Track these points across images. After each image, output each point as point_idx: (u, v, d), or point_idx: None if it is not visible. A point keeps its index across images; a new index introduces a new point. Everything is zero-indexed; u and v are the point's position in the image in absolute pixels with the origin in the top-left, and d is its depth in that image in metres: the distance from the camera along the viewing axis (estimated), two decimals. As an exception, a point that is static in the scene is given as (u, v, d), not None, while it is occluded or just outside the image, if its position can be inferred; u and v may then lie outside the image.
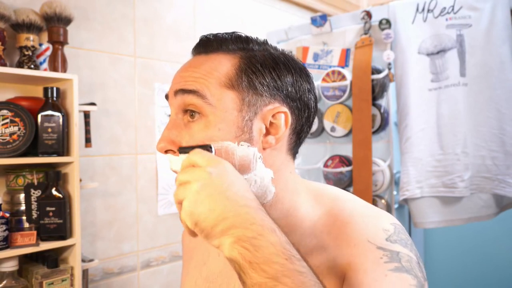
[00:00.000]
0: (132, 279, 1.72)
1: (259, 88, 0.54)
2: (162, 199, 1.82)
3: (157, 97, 1.81)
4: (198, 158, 0.47)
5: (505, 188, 1.50)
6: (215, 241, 0.44)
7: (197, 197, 0.44)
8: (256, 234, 0.42)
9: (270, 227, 0.43)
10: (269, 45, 0.59)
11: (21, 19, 1.30)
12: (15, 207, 1.30)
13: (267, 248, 0.42)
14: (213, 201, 0.44)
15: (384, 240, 0.52)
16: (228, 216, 0.43)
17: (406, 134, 1.62)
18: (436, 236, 2.46)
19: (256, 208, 0.45)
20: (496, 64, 1.50)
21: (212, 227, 0.44)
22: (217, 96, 0.53)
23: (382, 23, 1.67)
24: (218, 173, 0.45)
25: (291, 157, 0.60)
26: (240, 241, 0.42)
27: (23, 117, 1.25)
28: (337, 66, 1.83)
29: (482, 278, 2.32)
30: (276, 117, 0.55)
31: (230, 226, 0.43)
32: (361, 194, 1.68)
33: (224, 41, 0.57)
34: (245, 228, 0.43)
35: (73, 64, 1.52)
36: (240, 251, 0.42)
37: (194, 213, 0.44)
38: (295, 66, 0.58)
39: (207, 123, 0.53)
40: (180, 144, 0.54)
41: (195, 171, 0.46)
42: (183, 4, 1.94)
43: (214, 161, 0.47)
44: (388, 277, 0.48)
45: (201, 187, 0.44)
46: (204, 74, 0.54)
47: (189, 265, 0.71)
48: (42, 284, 1.25)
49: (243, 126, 0.53)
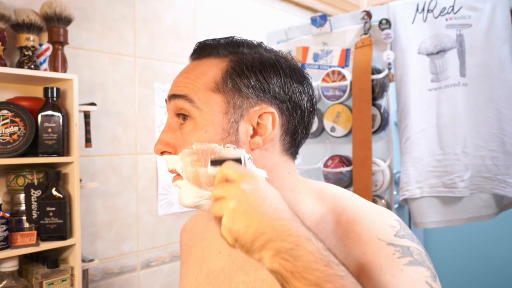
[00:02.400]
0: (132, 279, 1.72)
1: (244, 91, 0.56)
2: (162, 199, 1.82)
3: (157, 97, 1.82)
4: (230, 173, 0.48)
5: (505, 188, 1.50)
6: (255, 256, 0.46)
7: (234, 215, 0.45)
8: (294, 245, 0.44)
9: (306, 236, 0.45)
10: (262, 48, 0.61)
11: (21, 19, 1.30)
12: (15, 207, 1.30)
13: (306, 257, 0.43)
14: (249, 218, 0.45)
15: (393, 236, 0.53)
16: (265, 231, 0.44)
17: (406, 134, 1.62)
18: (436, 236, 2.46)
19: (290, 219, 0.46)
20: (496, 64, 1.50)
21: (251, 242, 0.45)
22: (204, 100, 0.56)
23: (382, 23, 1.67)
24: (251, 188, 0.46)
25: (288, 158, 0.61)
26: (279, 254, 0.44)
27: (23, 117, 1.25)
28: (337, 66, 1.83)
29: (482, 278, 2.32)
30: (262, 118, 0.57)
31: (268, 240, 0.44)
32: (361, 194, 1.66)
33: (216, 46, 0.59)
34: (282, 240, 0.44)
35: (73, 64, 1.52)
36: (280, 263, 0.43)
37: (233, 230, 0.46)
38: (286, 67, 0.59)
39: (195, 126, 0.56)
40: (175, 146, 0.57)
41: (229, 187, 0.47)
42: (183, 4, 1.94)
43: (247, 175, 0.48)
44: (405, 272, 0.50)
45: (237, 205, 0.46)
46: (193, 79, 0.57)
47: (188, 262, 0.71)
48: (42, 284, 1.25)
49: (228, 128, 0.55)
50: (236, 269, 0.62)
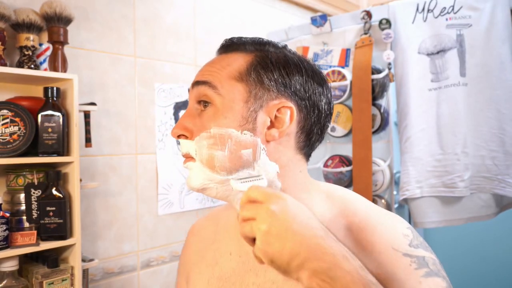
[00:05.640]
0: (132, 279, 1.72)
1: (267, 83, 0.57)
2: (162, 199, 1.82)
3: (157, 97, 1.82)
4: (256, 195, 0.48)
5: (505, 188, 1.50)
6: (293, 276, 0.45)
7: (268, 238, 0.46)
8: (331, 264, 0.43)
9: (342, 255, 0.45)
10: (287, 50, 0.62)
11: (21, 19, 1.30)
12: (15, 207, 1.30)
13: (344, 278, 0.43)
14: (282, 240, 0.45)
15: (408, 246, 0.53)
16: (299, 251, 0.44)
17: (406, 134, 1.62)
18: (436, 236, 2.45)
19: (324, 236, 0.46)
20: (496, 64, 1.50)
21: (288, 263, 0.45)
22: (227, 87, 0.57)
23: (382, 23, 1.67)
24: (280, 209, 0.46)
25: (301, 157, 0.62)
26: (316, 274, 0.43)
27: (23, 117, 1.25)
28: (337, 66, 1.83)
29: (482, 278, 2.32)
30: (281, 112, 0.58)
31: (304, 260, 0.44)
32: (361, 194, 1.66)
33: (243, 43, 0.62)
34: (318, 259, 0.44)
35: (73, 64, 1.52)
36: (318, 283, 0.43)
37: (268, 252, 0.46)
38: (308, 68, 0.60)
39: (216, 111, 0.57)
40: (192, 130, 0.58)
41: (258, 208, 0.47)
42: (183, 4, 1.94)
43: (273, 196, 0.48)
44: (423, 284, 0.50)
45: (269, 227, 0.46)
46: (219, 68, 0.59)
47: (201, 265, 0.71)
48: (42, 284, 1.25)
49: (247, 116, 0.56)
50: (247, 270, 0.62)
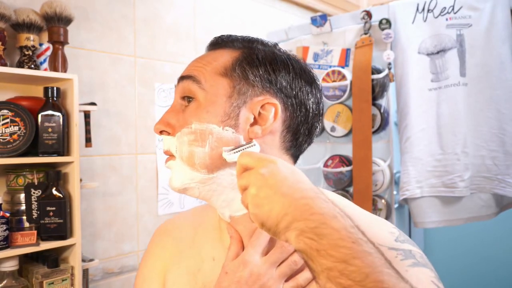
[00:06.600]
0: (132, 279, 1.72)
1: (251, 79, 0.57)
2: (162, 199, 1.82)
3: (157, 97, 1.82)
4: (248, 161, 0.49)
5: (505, 188, 1.50)
6: (282, 237, 0.46)
7: (257, 200, 0.46)
8: (318, 223, 0.43)
9: (331, 214, 0.44)
10: (276, 48, 0.62)
11: (21, 19, 1.30)
12: (15, 207, 1.30)
13: (331, 235, 0.42)
14: (271, 201, 0.45)
15: (394, 241, 0.54)
16: (287, 212, 0.44)
17: (406, 134, 1.62)
18: (436, 236, 2.45)
19: (313, 197, 0.45)
20: (496, 64, 1.50)
21: (276, 225, 0.45)
22: (211, 82, 0.57)
23: (382, 23, 1.67)
24: (270, 172, 0.47)
25: (288, 158, 0.61)
26: (304, 233, 0.43)
27: (24, 117, 1.25)
28: (337, 66, 1.83)
29: (482, 278, 2.32)
30: (265, 108, 0.57)
31: (291, 221, 0.44)
32: (361, 194, 1.68)
33: (232, 40, 0.62)
34: (306, 219, 0.43)
35: (73, 64, 1.52)
36: (305, 242, 0.43)
37: (258, 215, 0.46)
38: (297, 66, 0.60)
39: (198, 106, 0.57)
40: (174, 127, 0.58)
41: (250, 174, 0.48)
42: (183, 4, 1.94)
43: (264, 160, 0.48)
44: (409, 272, 0.49)
45: (258, 190, 0.46)
46: (204, 63, 0.59)
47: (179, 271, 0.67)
48: (43, 283, 1.25)
49: (230, 112, 0.56)
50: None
